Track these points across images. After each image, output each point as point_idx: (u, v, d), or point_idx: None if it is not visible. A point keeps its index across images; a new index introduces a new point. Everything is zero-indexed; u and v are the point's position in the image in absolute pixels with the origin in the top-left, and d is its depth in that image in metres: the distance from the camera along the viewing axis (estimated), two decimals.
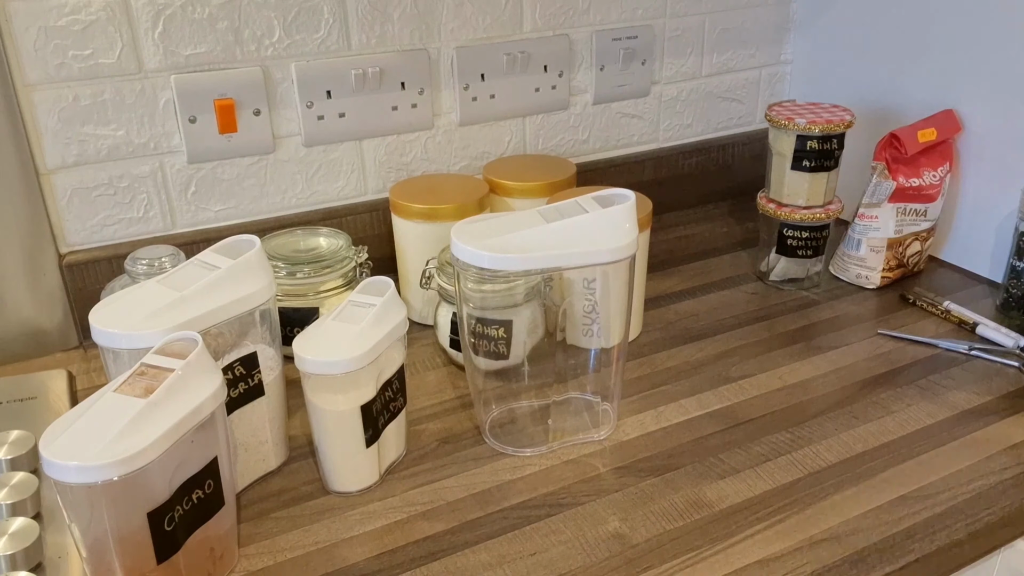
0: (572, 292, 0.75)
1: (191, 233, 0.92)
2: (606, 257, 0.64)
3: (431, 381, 0.82)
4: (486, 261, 0.63)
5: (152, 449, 0.49)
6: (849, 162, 0.96)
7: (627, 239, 0.64)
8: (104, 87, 0.83)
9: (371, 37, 0.93)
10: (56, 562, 0.58)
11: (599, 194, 0.67)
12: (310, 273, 0.82)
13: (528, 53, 1.02)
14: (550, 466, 0.70)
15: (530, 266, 0.64)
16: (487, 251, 0.63)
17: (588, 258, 0.64)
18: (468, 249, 0.63)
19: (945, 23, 0.97)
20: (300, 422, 0.75)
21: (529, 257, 0.63)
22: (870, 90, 1.08)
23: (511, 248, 0.63)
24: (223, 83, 0.88)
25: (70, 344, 0.88)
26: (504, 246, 0.63)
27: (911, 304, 0.95)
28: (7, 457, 0.65)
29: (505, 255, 0.63)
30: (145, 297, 0.61)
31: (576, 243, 0.64)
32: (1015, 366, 0.82)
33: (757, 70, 1.21)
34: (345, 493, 0.67)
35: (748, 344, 0.87)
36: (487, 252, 0.63)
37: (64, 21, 0.80)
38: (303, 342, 0.64)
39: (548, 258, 0.63)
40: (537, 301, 0.77)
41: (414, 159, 1.01)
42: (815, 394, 0.79)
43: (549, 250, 0.63)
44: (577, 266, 0.65)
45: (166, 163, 0.89)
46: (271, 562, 0.61)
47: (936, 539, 0.62)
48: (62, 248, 0.87)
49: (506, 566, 0.60)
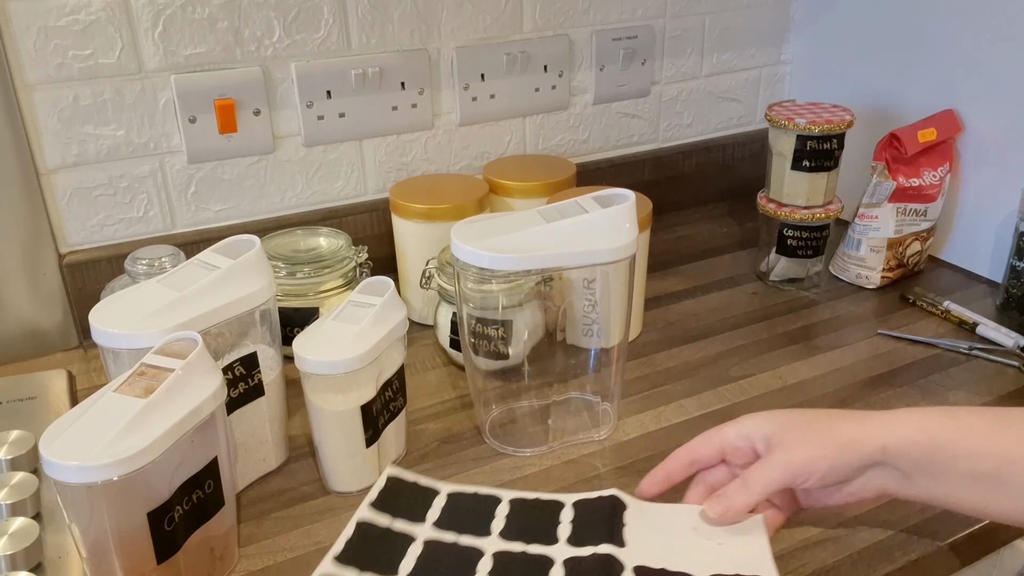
0: (572, 292, 0.75)
1: (191, 233, 0.92)
2: (606, 257, 0.64)
3: (431, 381, 0.82)
4: (486, 261, 0.63)
5: (152, 449, 0.49)
6: (849, 162, 0.96)
7: (627, 239, 0.64)
8: (104, 87, 0.83)
9: (371, 37, 0.93)
10: (56, 562, 0.58)
11: (599, 194, 0.67)
12: (310, 273, 0.82)
13: (528, 53, 1.02)
14: (550, 466, 0.70)
15: (530, 266, 0.64)
16: (487, 251, 0.63)
17: (588, 258, 0.64)
18: (468, 249, 0.63)
19: (945, 23, 0.97)
20: (300, 422, 0.75)
21: (529, 257, 0.63)
22: (870, 90, 1.08)
23: (511, 248, 0.63)
24: (223, 83, 0.88)
25: (70, 344, 0.88)
26: (504, 246, 0.63)
27: (911, 304, 0.95)
28: (7, 457, 0.65)
29: (505, 255, 0.62)
30: (145, 297, 0.61)
31: (576, 243, 0.64)
32: (1015, 366, 0.82)
33: (757, 70, 1.21)
34: (345, 493, 0.67)
35: (748, 344, 0.87)
36: (487, 252, 0.63)
37: (64, 21, 0.80)
38: (303, 342, 0.64)
39: (548, 258, 0.63)
40: (537, 301, 0.77)
41: (414, 159, 1.01)
42: (815, 394, 0.79)
43: (549, 250, 0.63)
44: (577, 266, 0.65)
45: (166, 163, 0.89)
46: (271, 562, 0.61)
47: (936, 539, 0.62)
48: (62, 248, 0.87)
49: None
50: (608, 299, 0.72)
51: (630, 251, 0.65)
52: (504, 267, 0.63)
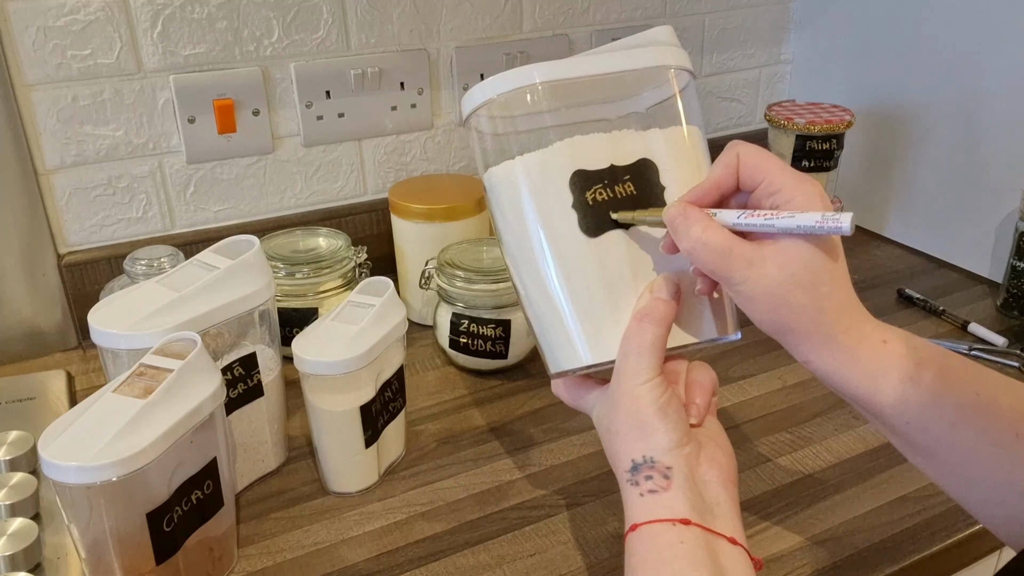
0: None
1: (190, 233, 0.91)
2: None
3: (430, 381, 0.82)
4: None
5: (151, 450, 0.49)
6: (849, 162, 0.96)
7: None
8: (103, 87, 0.83)
9: (370, 37, 0.93)
10: (55, 563, 0.58)
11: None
12: (309, 273, 0.82)
13: (528, 53, 1.02)
14: (550, 466, 0.70)
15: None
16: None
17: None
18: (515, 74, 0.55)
19: (945, 23, 0.97)
20: (300, 422, 0.75)
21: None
22: (870, 90, 1.08)
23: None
24: (222, 83, 0.88)
25: (69, 344, 0.88)
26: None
27: (911, 304, 0.94)
28: (6, 458, 0.65)
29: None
30: (144, 297, 0.61)
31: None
32: (1015, 366, 0.82)
33: (757, 70, 1.21)
34: (344, 494, 0.67)
35: (748, 344, 0.87)
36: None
37: (63, 21, 0.79)
38: (302, 342, 0.64)
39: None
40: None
41: (413, 159, 1.01)
42: (815, 394, 0.79)
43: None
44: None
45: (165, 163, 0.89)
46: (270, 563, 0.60)
47: (936, 539, 0.62)
48: (61, 248, 0.87)
49: (506, 566, 0.60)
50: None
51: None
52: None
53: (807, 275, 0.45)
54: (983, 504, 0.47)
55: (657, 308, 0.49)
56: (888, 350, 0.46)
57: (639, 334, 0.48)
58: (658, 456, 0.47)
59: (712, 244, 0.46)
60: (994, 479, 0.45)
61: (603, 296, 0.51)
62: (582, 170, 0.51)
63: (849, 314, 0.47)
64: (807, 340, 0.47)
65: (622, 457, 0.48)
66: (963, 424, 0.45)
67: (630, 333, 0.49)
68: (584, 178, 0.51)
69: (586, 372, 0.53)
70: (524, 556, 0.61)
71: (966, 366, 0.47)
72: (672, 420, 0.47)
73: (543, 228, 0.52)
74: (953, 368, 0.47)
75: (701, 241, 0.47)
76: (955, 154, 0.99)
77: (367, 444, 0.65)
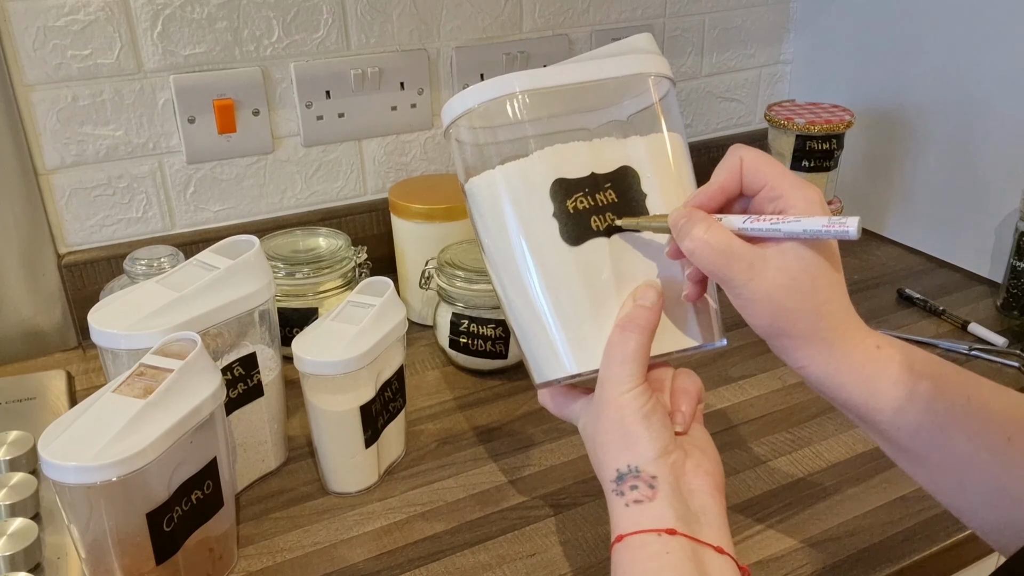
0: None
1: (190, 233, 0.91)
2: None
3: (430, 381, 0.82)
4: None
5: (151, 450, 0.49)
6: (849, 162, 0.96)
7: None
8: (103, 87, 0.83)
9: (370, 37, 0.93)
10: (55, 563, 0.58)
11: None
12: (309, 273, 0.82)
13: (528, 53, 1.02)
14: (550, 466, 0.70)
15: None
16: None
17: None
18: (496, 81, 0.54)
19: (945, 23, 0.97)
20: (300, 422, 0.75)
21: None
22: (870, 90, 1.08)
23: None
24: (222, 83, 0.88)
25: (69, 344, 0.88)
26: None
27: (911, 304, 0.94)
28: (6, 458, 0.65)
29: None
30: (144, 297, 0.61)
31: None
32: (1015, 366, 0.82)
33: (756, 70, 1.21)
34: (344, 493, 0.67)
35: (748, 344, 0.87)
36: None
37: (63, 21, 0.79)
38: (302, 342, 0.64)
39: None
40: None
41: (413, 159, 1.01)
42: (815, 394, 0.78)
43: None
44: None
45: (165, 163, 0.89)
46: (270, 562, 0.60)
47: (935, 539, 0.62)
48: (61, 248, 0.87)
49: (506, 567, 0.60)
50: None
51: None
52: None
53: (807, 280, 0.45)
54: (974, 509, 0.47)
55: (640, 315, 0.49)
56: (882, 355, 0.47)
57: (622, 342, 0.48)
58: (643, 465, 0.47)
59: (714, 244, 0.46)
60: (985, 483, 0.46)
61: (586, 304, 0.50)
62: (563, 179, 0.51)
63: (845, 320, 0.47)
64: (804, 344, 0.47)
65: (607, 467, 0.48)
66: (955, 428, 0.45)
67: (613, 341, 0.49)
68: (565, 186, 0.51)
69: (571, 382, 0.52)
70: (524, 556, 0.61)
71: (958, 372, 0.47)
72: (656, 429, 0.47)
73: (525, 237, 0.51)
74: (945, 374, 0.47)
75: (703, 240, 0.47)
76: (955, 154, 0.99)
77: (367, 444, 0.65)
